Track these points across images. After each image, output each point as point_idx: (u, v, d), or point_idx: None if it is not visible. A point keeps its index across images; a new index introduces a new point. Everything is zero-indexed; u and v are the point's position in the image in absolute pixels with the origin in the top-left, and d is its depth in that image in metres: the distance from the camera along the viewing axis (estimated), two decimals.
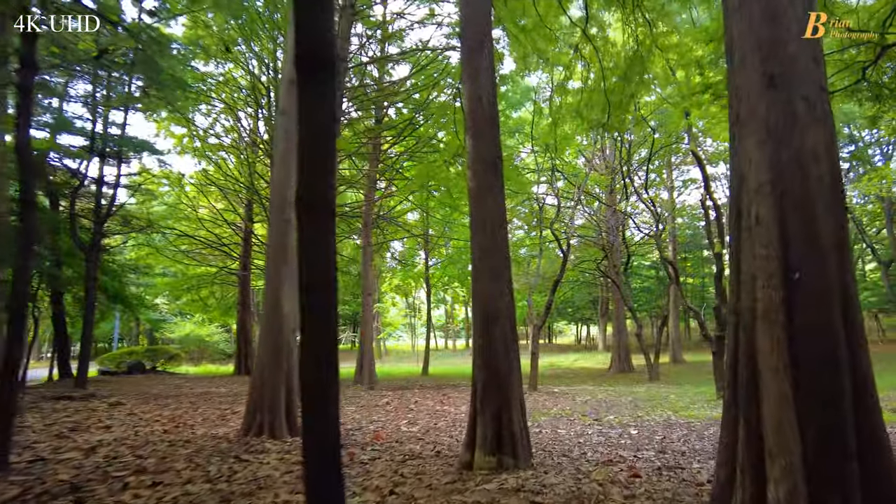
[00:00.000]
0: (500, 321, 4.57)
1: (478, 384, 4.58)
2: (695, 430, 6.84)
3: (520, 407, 4.57)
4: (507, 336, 4.58)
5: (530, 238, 24.89)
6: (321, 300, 1.97)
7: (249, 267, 23.13)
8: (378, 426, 7.53)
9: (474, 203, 4.79)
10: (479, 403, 4.52)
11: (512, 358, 4.58)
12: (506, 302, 4.64)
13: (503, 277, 4.66)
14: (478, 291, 4.69)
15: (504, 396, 4.46)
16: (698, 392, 13.26)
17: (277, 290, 6.51)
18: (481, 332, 4.62)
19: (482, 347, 4.60)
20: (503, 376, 4.50)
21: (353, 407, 10.22)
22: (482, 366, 4.58)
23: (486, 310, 4.61)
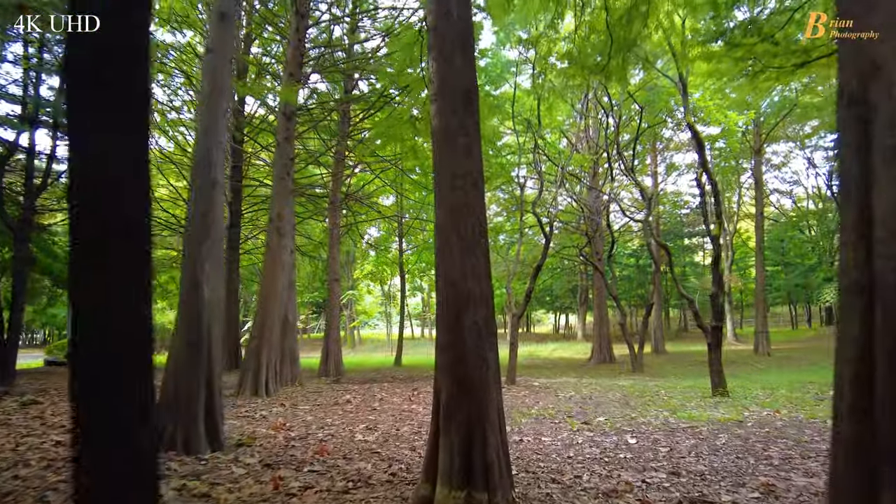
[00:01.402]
0: (472, 309, 3.38)
1: (441, 394, 3.39)
2: (704, 439, 5.77)
3: (498, 424, 3.40)
4: (481, 330, 3.39)
5: (510, 223, 23.79)
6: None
7: None
8: (328, 434, 6.31)
9: (439, 149, 3.57)
10: (443, 420, 3.34)
11: (489, 359, 3.40)
12: (481, 284, 3.44)
13: (478, 250, 3.46)
14: (443, 269, 3.48)
15: (477, 411, 3.28)
16: (688, 387, 12.31)
17: (196, 269, 5.22)
18: (447, 325, 3.42)
19: (448, 345, 3.41)
20: (477, 384, 3.32)
21: (308, 406, 8.98)
22: (448, 369, 3.39)
23: (454, 294, 3.41)
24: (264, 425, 7.00)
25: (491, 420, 3.31)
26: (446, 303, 3.43)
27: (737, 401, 9.09)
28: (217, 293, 5.30)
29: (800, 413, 7.52)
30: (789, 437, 5.72)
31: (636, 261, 38.63)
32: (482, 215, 3.52)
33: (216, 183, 5.44)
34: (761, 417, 7.20)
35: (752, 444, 5.40)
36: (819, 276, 30.31)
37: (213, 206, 5.38)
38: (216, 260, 5.35)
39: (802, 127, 34.24)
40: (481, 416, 3.28)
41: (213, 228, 5.34)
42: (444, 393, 3.37)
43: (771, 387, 11.46)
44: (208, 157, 5.46)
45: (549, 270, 32.46)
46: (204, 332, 5.13)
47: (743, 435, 5.93)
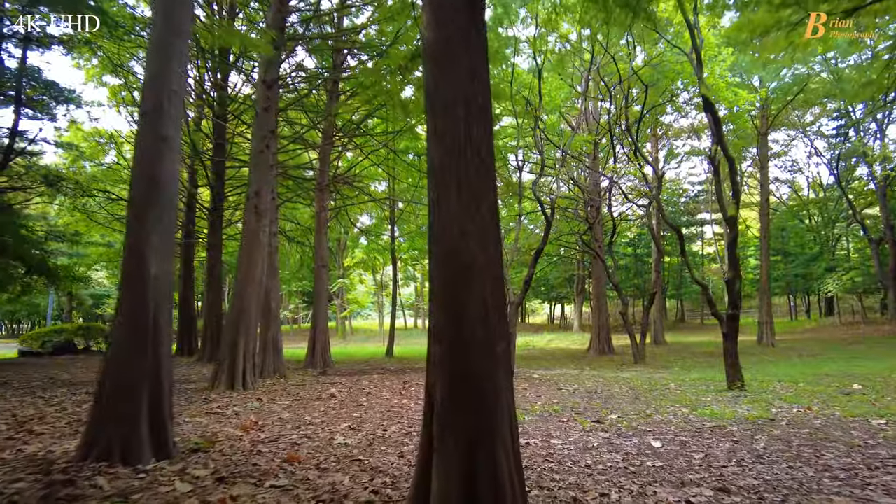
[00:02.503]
0: (477, 282, 2.53)
1: (436, 397, 2.55)
2: (739, 442, 4.97)
3: (510, 437, 2.56)
4: (489, 310, 2.55)
5: (508, 206, 22.91)
6: None
7: (193, 235, 20.62)
8: (303, 435, 5.46)
9: (435, 69, 2.70)
10: (439, 432, 2.50)
11: (499, 350, 2.56)
12: (488, 249, 2.59)
13: (484, 204, 2.61)
14: (438, 228, 2.63)
15: (484, 420, 2.46)
16: (697, 379, 11.56)
17: (140, 241, 4.33)
18: (443, 304, 2.58)
19: (445, 331, 2.57)
20: (483, 383, 2.49)
21: (287, 401, 8.14)
22: (444, 365, 2.55)
23: (452, 261, 2.56)
24: (234, 424, 6.17)
25: (501, 433, 2.48)
26: (441, 274, 2.58)
27: (756, 395, 8.32)
28: (166, 270, 4.42)
29: (834, 410, 6.75)
30: (838, 441, 4.93)
31: (634, 250, 37.95)
32: (489, 156, 2.66)
33: (167, 138, 4.54)
34: (793, 415, 6.42)
35: (798, 449, 4.61)
36: (821, 266, 29.68)
37: (163, 166, 4.49)
38: (166, 231, 4.46)
39: (803, 115, 33.58)
40: (489, 428, 2.45)
41: (162, 193, 4.45)
42: (440, 395, 2.52)
43: (787, 379, 10.71)
44: (158, 108, 4.56)
45: (545, 259, 31.70)
46: (150, 316, 4.26)
47: (782, 437, 5.14)
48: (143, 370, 4.19)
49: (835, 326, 27.47)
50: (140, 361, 4.20)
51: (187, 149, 18.70)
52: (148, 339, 4.25)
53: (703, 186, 36.54)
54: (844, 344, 20.51)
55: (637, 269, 38.05)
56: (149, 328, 4.26)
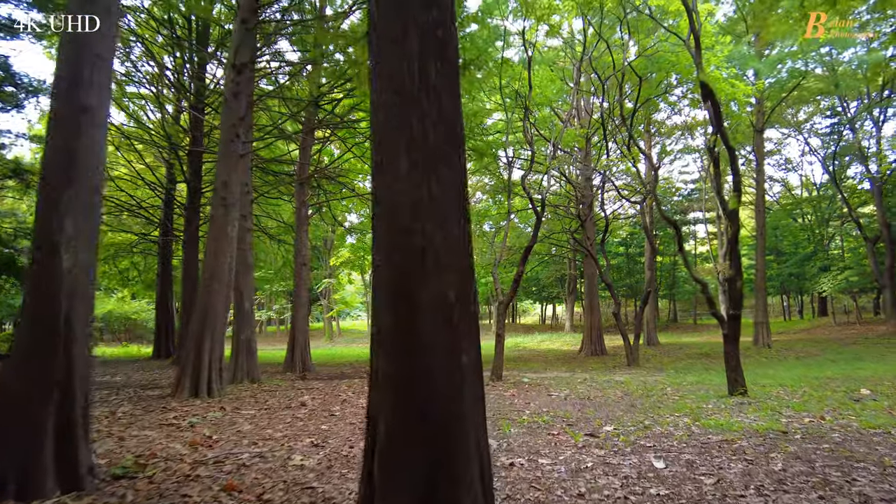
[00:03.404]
0: (434, 274, 1.87)
1: (378, 425, 1.88)
2: (752, 461, 4.34)
3: (481, 481, 1.89)
4: (451, 310, 1.89)
5: (497, 203, 22.30)
6: None
7: (172, 232, 19.83)
8: (257, 454, 4.78)
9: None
10: (382, 474, 1.83)
11: (466, 362, 1.92)
12: (449, 229, 1.93)
13: (445, 166, 1.94)
14: (383, 199, 1.96)
15: (444, 459, 1.78)
16: (695, 383, 10.99)
17: (52, 227, 3.65)
18: (390, 297, 1.92)
19: (391, 333, 1.90)
20: (444, 406, 1.83)
21: (253, 409, 7.45)
22: (390, 379, 1.89)
23: (401, 244, 1.90)
24: (185, 439, 5.48)
25: (468, 476, 1.83)
26: (387, 261, 1.92)
27: (760, 402, 7.73)
28: (83, 262, 3.73)
29: (848, 419, 6.16)
30: (866, 460, 4.32)
31: (626, 249, 37.48)
32: (453, 109, 2.00)
33: (87, 109, 3.85)
34: (806, 426, 5.82)
35: (824, 472, 3.99)
36: (815, 266, 29.29)
37: (81, 141, 3.79)
38: (85, 216, 3.77)
39: (797, 113, 33.23)
40: (451, 470, 1.80)
41: (81, 172, 3.76)
42: (385, 425, 1.86)
43: (789, 384, 10.15)
44: (77, 75, 3.87)
45: (536, 258, 31.12)
46: (60, 316, 3.57)
47: (801, 455, 4.52)
48: (48, 381, 3.49)
49: (829, 327, 27.08)
50: (46, 370, 3.51)
51: (164, 142, 17.94)
52: (58, 344, 3.56)
53: (697, 185, 36.12)
54: (841, 345, 20.05)
55: (629, 268, 37.56)
56: (59, 330, 3.57)
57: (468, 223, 2.03)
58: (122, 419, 6.73)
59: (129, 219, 21.87)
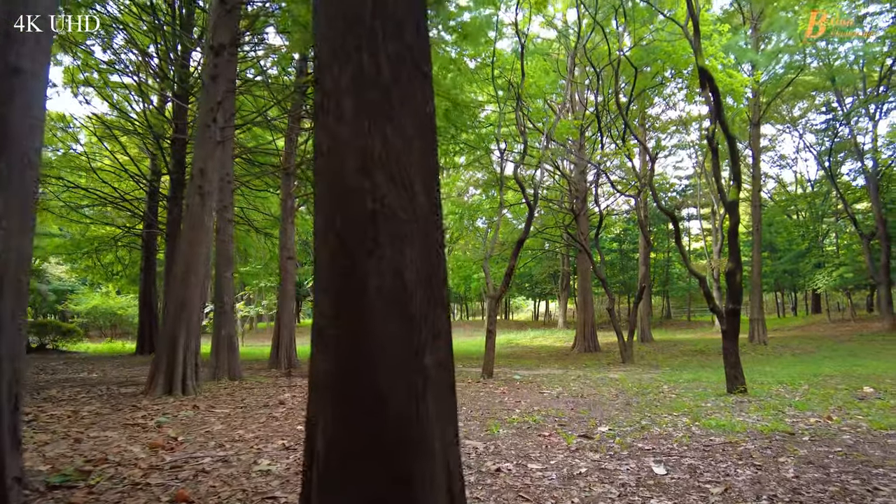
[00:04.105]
0: (389, 240, 1.46)
1: (316, 443, 1.47)
2: (761, 466, 3.98)
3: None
4: (411, 289, 1.48)
5: (490, 199, 21.90)
6: None
7: (156, 226, 19.31)
8: (220, 458, 4.37)
9: None
10: (319, 499, 1.41)
11: (429, 363, 1.52)
12: (414, 190, 1.52)
13: (407, 109, 1.54)
14: (325, 149, 1.55)
15: (402, 486, 1.38)
16: (692, 380, 10.67)
17: None
18: (333, 277, 1.50)
19: (333, 323, 1.49)
20: (402, 420, 1.42)
21: (228, 408, 7.03)
22: (331, 383, 1.47)
23: (349, 202, 1.50)
24: (147, 440, 5.07)
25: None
26: (328, 229, 1.51)
27: (762, 401, 7.40)
28: (16, 246, 3.30)
29: (857, 419, 5.82)
30: (884, 465, 3.96)
31: (620, 245, 37.21)
32: (418, 40, 1.60)
33: (20, 71, 3.41)
34: (813, 427, 5.47)
35: (841, 480, 3.63)
36: (809, 263, 29.09)
37: (12, 108, 3.36)
38: (16, 193, 3.34)
39: (791, 109, 33.02)
40: (409, 497, 1.39)
41: (11, 143, 3.33)
42: (324, 443, 1.46)
43: (788, 381, 9.84)
44: (6, 32, 3.43)
45: (529, 254, 30.77)
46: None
47: (812, 459, 4.16)
48: None
49: (824, 323, 26.89)
50: None
51: (146, 132, 17.42)
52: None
53: (691, 181, 35.88)
54: (836, 342, 19.82)
55: (623, 264, 37.31)
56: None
57: (437, 186, 1.63)
58: (85, 419, 6.30)
59: (114, 212, 21.33)
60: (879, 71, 22.40)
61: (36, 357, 17.74)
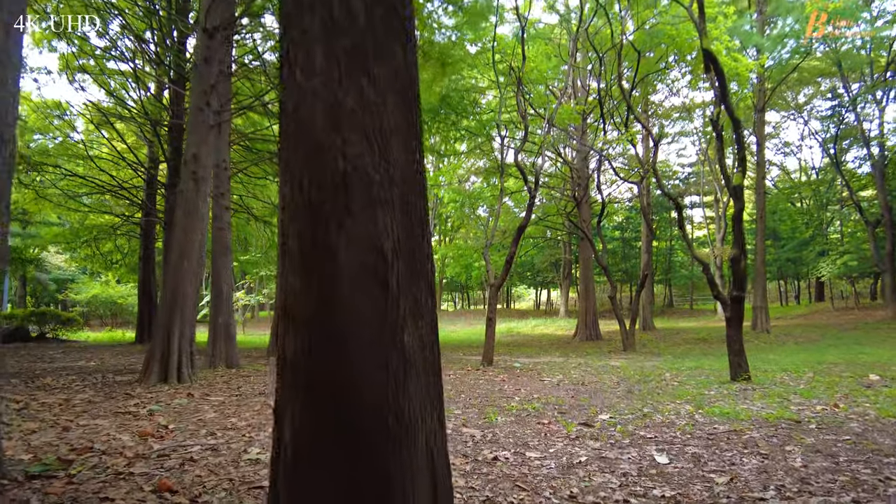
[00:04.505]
0: (362, 205, 1.30)
1: (284, 431, 1.32)
2: (767, 455, 3.84)
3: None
4: (388, 261, 1.32)
5: (491, 186, 21.69)
6: None
7: (155, 214, 19.16)
8: (209, 446, 4.25)
9: None
10: (286, 496, 1.27)
11: (409, 342, 1.38)
12: (390, 148, 1.36)
13: (383, 57, 1.37)
14: (291, 103, 1.39)
15: (379, 484, 1.23)
16: (694, 368, 10.53)
17: None
18: (300, 247, 1.34)
19: (300, 298, 1.34)
20: (375, 413, 1.29)
21: (222, 396, 6.92)
22: (299, 365, 1.33)
23: (317, 162, 1.34)
24: (136, 428, 4.96)
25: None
26: (296, 194, 1.36)
27: (766, 388, 7.26)
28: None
29: (864, 407, 5.68)
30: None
31: (622, 233, 37.01)
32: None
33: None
34: (819, 414, 5.34)
35: (851, 469, 3.49)
36: (813, 251, 28.87)
37: None
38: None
39: (796, 95, 32.61)
40: (387, 497, 1.25)
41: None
42: (290, 429, 1.32)
43: (792, 369, 9.70)
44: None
45: (531, 242, 30.59)
46: None
47: (821, 448, 4.02)
48: None
49: (827, 312, 26.73)
50: None
51: (143, 119, 17.22)
52: None
53: (694, 168, 35.57)
54: (840, 330, 19.67)
55: (625, 253, 37.12)
56: None
57: (419, 145, 1.47)
58: (76, 407, 6.19)
59: (113, 200, 21.17)
60: (887, 55, 22.04)
61: (35, 346, 17.69)
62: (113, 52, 17.29)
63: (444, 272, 42.65)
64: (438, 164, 31.61)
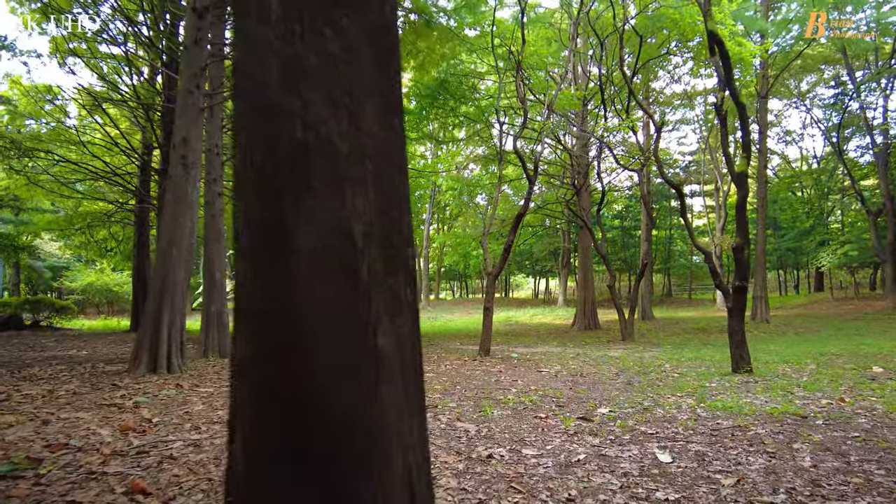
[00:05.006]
0: (324, 178, 1.09)
1: (236, 444, 1.12)
2: (774, 454, 3.67)
3: None
4: (356, 241, 1.11)
5: (490, 174, 21.44)
6: None
7: (148, 200, 18.89)
8: (193, 441, 4.07)
9: None
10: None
11: (381, 343, 1.18)
12: (368, 117, 1.14)
13: (359, 8, 1.14)
14: (242, 59, 1.17)
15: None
16: (694, 359, 10.38)
17: None
18: (249, 234, 1.13)
19: (253, 290, 1.13)
20: (340, 423, 1.10)
21: (212, 388, 6.74)
22: (251, 373, 1.13)
23: (271, 128, 1.12)
24: (120, 422, 4.78)
25: None
26: (247, 166, 1.15)
27: (769, 381, 7.10)
28: None
29: (871, 402, 5.51)
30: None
31: (621, 222, 36.79)
32: None
33: None
34: (825, 409, 5.17)
35: (864, 469, 3.31)
36: (814, 240, 28.68)
37: None
38: None
39: (799, 83, 32.26)
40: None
41: None
42: (241, 441, 1.11)
43: (794, 360, 9.55)
44: None
45: (530, 231, 30.37)
46: None
47: (830, 446, 3.85)
48: None
49: (827, 302, 26.60)
50: None
51: (135, 104, 16.90)
52: None
53: (695, 157, 35.28)
54: (841, 320, 19.54)
55: (624, 241, 36.92)
56: None
57: (400, 112, 1.26)
58: (60, 398, 6.01)
59: (107, 187, 20.88)
60: (892, 42, 21.71)
61: (29, 334, 17.52)
62: (104, 35, 16.94)
63: (442, 261, 42.46)
64: (437, 151, 31.31)
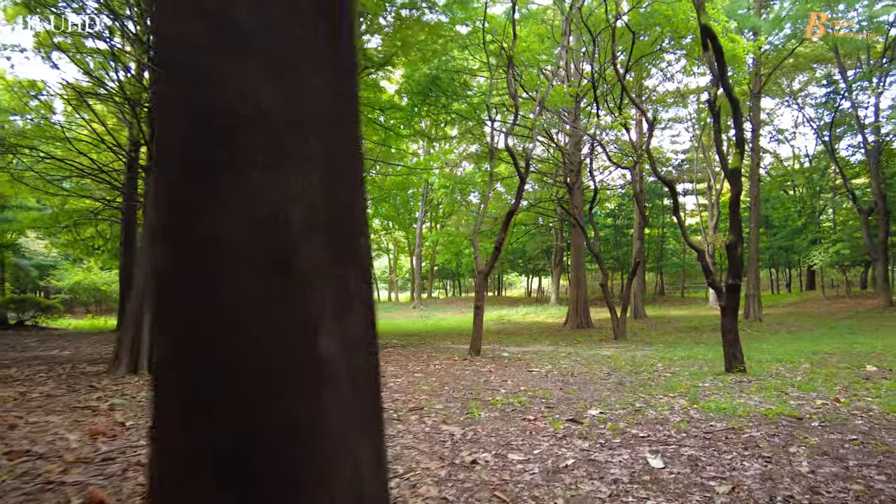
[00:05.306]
0: (264, 172, 0.91)
1: (154, 479, 0.94)
2: (770, 458, 3.53)
3: None
4: (294, 245, 0.93)
5: (481, 171, 21.29)
6: None
7: (136, 198, 18.59)
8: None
9: None
10: None
11: (323, 347, 1.00)
12: (312, 79, 0.97)
13: None
14: (160, 21, 0.99)
15: None
16: (686, 357, 10.28)
17: None
18: (167, 220, 0.95)
19: (168, 287, 0.94)
20: (274, 435, 0.88)
21: None
22: (170, 377, 0.94)
23: (196, 98, 0.94)
24: (93, 424, 4.59)
25: None
26: (169, 142, 0.97)
27: (762, 380, 6.98)
28: None
29: (867, 402, 5.40)
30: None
31: (614, 221, 36.75)
32: None
33: None
34: (821, 410, 5.04)
35: (862, 475, 3.18)
36: (805, 239, 28.73)
37: None
38: None
39: (791, 82, 32.29)
40: None
41: None
42: (159, 463, 0.93)
43: (787, 359, 9.45)
44: None
45: (522, 229, 30.24)
46: None
47: (827, 450, 3.71)
48: None
49: (818, 300, 26.65)
50: None
51: (121, 99, 16.60)
52: None
53: (688, 155, 35.27)
54: (834, 319, 19.54)
55: (617, 240, 36.88)
56: None
57: (355, 80, 1.09)
58: (33, 401, 5.80)
59: (93, 184, 20.55)
60: (884, 41, 21.72)
61: (12, 334, 17.26)
62: (90, 29, 16.63)
63: (434, 259, 42.29)
64: (430, 149, 31.12)
